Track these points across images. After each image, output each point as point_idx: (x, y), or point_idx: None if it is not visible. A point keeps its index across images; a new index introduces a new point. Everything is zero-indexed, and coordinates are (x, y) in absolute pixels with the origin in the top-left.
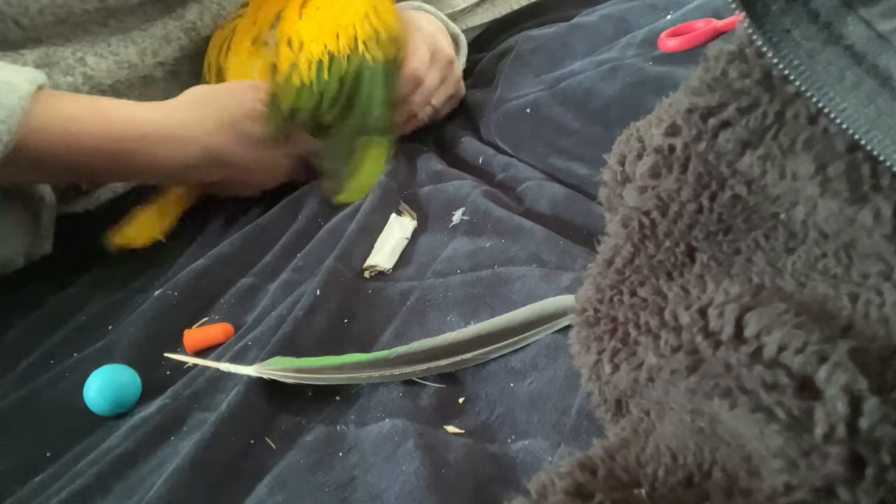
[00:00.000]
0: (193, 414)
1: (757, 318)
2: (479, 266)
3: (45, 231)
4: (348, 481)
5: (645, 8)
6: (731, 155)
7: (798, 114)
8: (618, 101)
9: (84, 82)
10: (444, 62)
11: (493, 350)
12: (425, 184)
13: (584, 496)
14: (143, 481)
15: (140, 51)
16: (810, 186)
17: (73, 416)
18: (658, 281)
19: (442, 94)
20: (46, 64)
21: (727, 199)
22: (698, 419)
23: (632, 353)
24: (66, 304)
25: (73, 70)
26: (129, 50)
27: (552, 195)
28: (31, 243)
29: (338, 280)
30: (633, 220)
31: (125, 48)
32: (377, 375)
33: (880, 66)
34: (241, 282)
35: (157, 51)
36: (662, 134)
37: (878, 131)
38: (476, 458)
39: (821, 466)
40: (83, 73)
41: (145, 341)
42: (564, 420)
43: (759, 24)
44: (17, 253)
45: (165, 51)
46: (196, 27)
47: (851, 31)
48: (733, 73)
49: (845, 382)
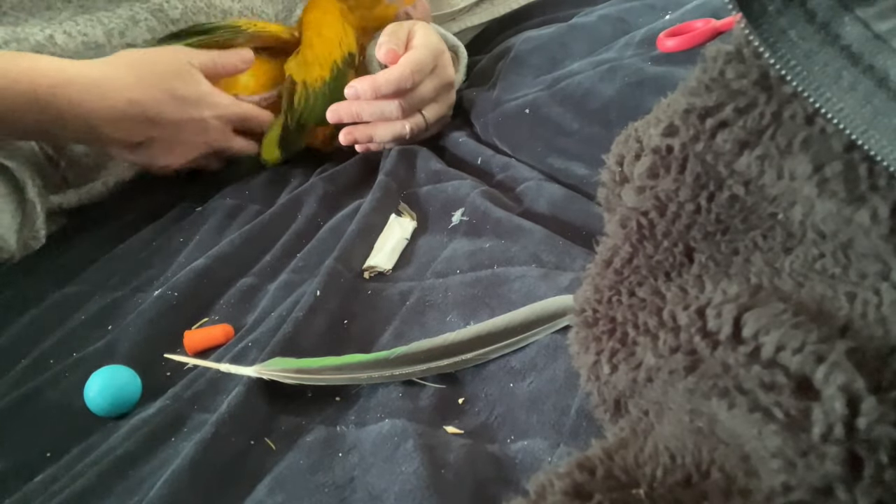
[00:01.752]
0: (193, 415)
1: (755, 319)
2: (479, 266)
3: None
4: (348, 482)
5: (643, 8)
6: (729, 155)
7: (795, 114)
8: (617, 101)
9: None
10: (443, 80)
11: (493, 350)
12: (424, 184)
13: (583, 496)
14: (143, 482)
15: (107, 31)
16: (808, 186)
17: (73, 416)
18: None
19: (434, 110)
20: (15, 40)
21: (725, 200)
22: (697, 419)
23: (630, 353)
24: (66, 303)
25: (43, 49)
26: (97, 30)
27: (551, 195)
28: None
29: (337, 281)
30: (632, 221)
31: (92, 28)
32: (377, 376)
33: (877, 67)
34: (241, 282)
35: (123, 31)
36: (660, 134)
37: (875, 131)
38: (475, 458)
39: (819, 466)
40: (52, 53)
41: (145, 342)
42: (563, 420)
43: (756, 25)
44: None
45: (133, 32)
46: (163, 8)
47: (848, 31)
48: (731, 73)
49: (843, 382)
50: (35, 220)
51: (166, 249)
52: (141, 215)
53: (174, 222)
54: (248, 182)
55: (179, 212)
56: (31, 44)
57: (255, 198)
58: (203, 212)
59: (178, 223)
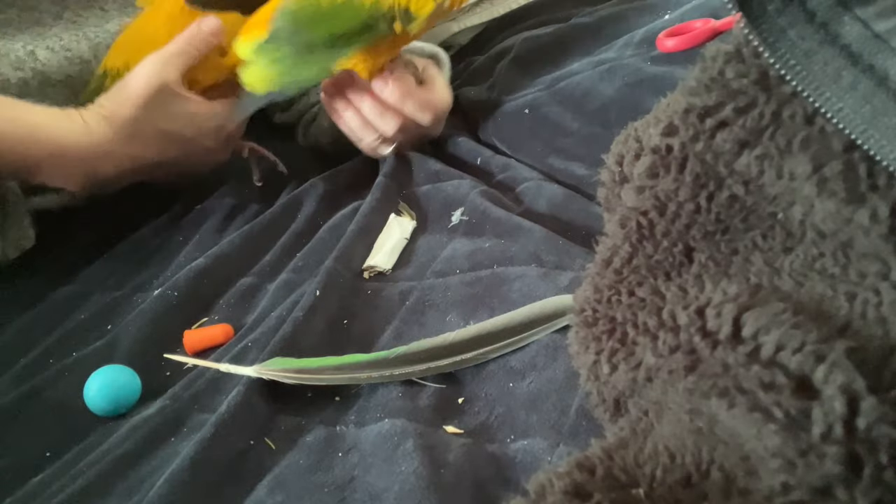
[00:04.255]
0: (193, 415)
1: (754, 318)
2: (479, 266)
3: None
4: (348, 481)
5: (643, 8)
6: (729, 155)
7: (795, 114)
8: (616, 101)
9: (34, 76)
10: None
11: (493, 350)
12: (424, 183)
13: (583, 496)
14: (143, 482)
15: (93, 46)
16: (807, 186)
17: (72, 416)
18: (656, 281)
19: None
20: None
21: (725, 199)
22: (696, 419)
23: (630, 353)
24: (65, 302)
25: (24, 64)
26: (82, 45)
27: (551, 195)
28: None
29: (337, 281)
30: (631, 221)
31: (77, 44)
32: (377, 376)
33: (877, 66)
34: (241, 282)
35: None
36: (660, 134)
37: (874, 131)
38: (475, 458)
39: (818, 466)
40: (33, 69)
41: (145, 342)
42: (563, 420)
43: (756, 25)
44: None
45: None
46: None
47: (848, 30)
48: (730, 73)
49: (843, 382)
50: (21, 220)
51: (166, 249)
52: (140, 215)
53: (174, 221)
54: (248, 182)
55: (179, 211)
56: (10, 59)
57: (254, 197)
58: (203, 211)
59: (177, 222)
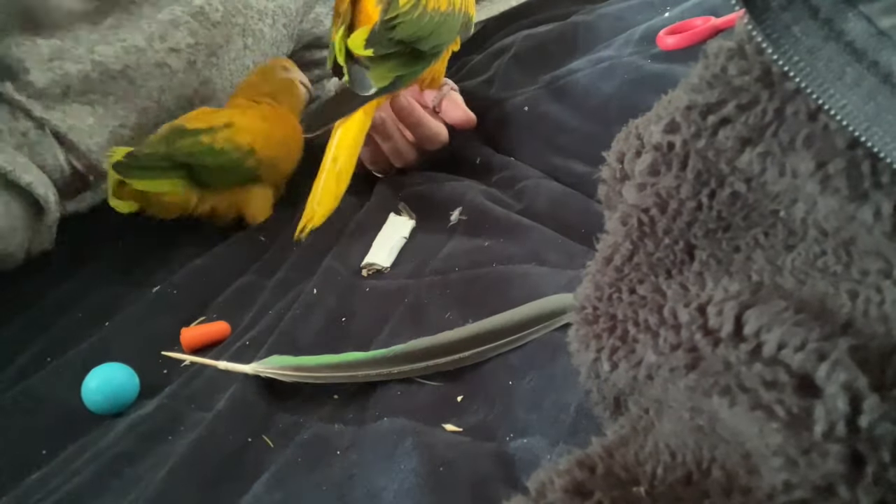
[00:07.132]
0: (191, 413)
1: (756, 316)
2: (478, 264)
3: (47, 229)
4: (346, 479)
5: (643, 6)
6: (731, 152)
7: (798, 111)
8: (616, 98)
9: (93, 68)
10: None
11: (492, 348)
12: (423, 182)
13: (583, 494)
14: (140, 480)
15: (147, 36)
16: (810, 184)
17: (70, 414)
18: (657, 278)
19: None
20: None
21: (726, 197)
22: (697, 417)
23: (631, 350)
24: (63, 299)
25: (83, 58)
26: (136, 35)
27: (551, 193)
28: (32, 239)
29: (335, 279)
30: (632, 218)
31: (131, 34)
32: (375, 374)
33: (881, 63)
34: (239, 280)
35: (164, 35)
36: (661, 131)
37: (878, 128)
38: (474, 456)
39: (820, 464)
40: (92, 60)
41: (143, 339)
42: (563, 418)
43: (760, 21)
44: (18, 249)
45: (175, 36)
46: (204, 11)
47: (852, 27)
48: (733, 69)
49: (845, 380)
50: (52, 227)
51: (165, 247)
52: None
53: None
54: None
55: None
56: (73, 56)
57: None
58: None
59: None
